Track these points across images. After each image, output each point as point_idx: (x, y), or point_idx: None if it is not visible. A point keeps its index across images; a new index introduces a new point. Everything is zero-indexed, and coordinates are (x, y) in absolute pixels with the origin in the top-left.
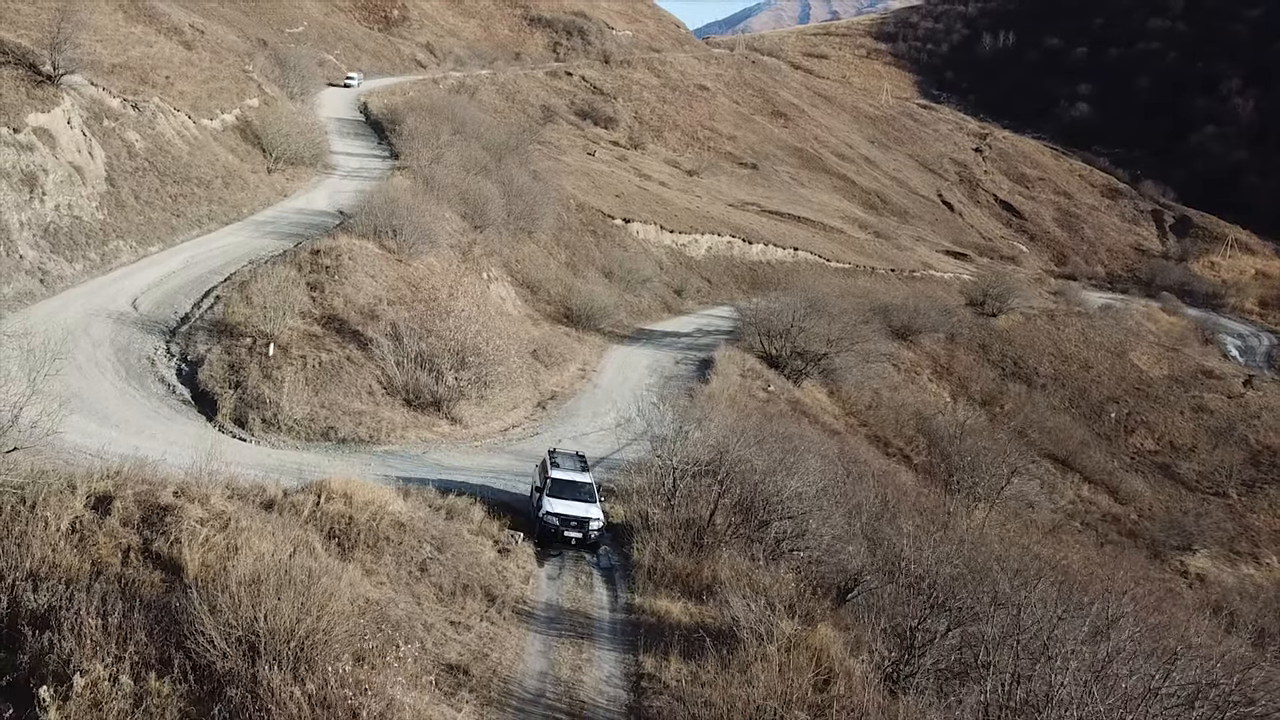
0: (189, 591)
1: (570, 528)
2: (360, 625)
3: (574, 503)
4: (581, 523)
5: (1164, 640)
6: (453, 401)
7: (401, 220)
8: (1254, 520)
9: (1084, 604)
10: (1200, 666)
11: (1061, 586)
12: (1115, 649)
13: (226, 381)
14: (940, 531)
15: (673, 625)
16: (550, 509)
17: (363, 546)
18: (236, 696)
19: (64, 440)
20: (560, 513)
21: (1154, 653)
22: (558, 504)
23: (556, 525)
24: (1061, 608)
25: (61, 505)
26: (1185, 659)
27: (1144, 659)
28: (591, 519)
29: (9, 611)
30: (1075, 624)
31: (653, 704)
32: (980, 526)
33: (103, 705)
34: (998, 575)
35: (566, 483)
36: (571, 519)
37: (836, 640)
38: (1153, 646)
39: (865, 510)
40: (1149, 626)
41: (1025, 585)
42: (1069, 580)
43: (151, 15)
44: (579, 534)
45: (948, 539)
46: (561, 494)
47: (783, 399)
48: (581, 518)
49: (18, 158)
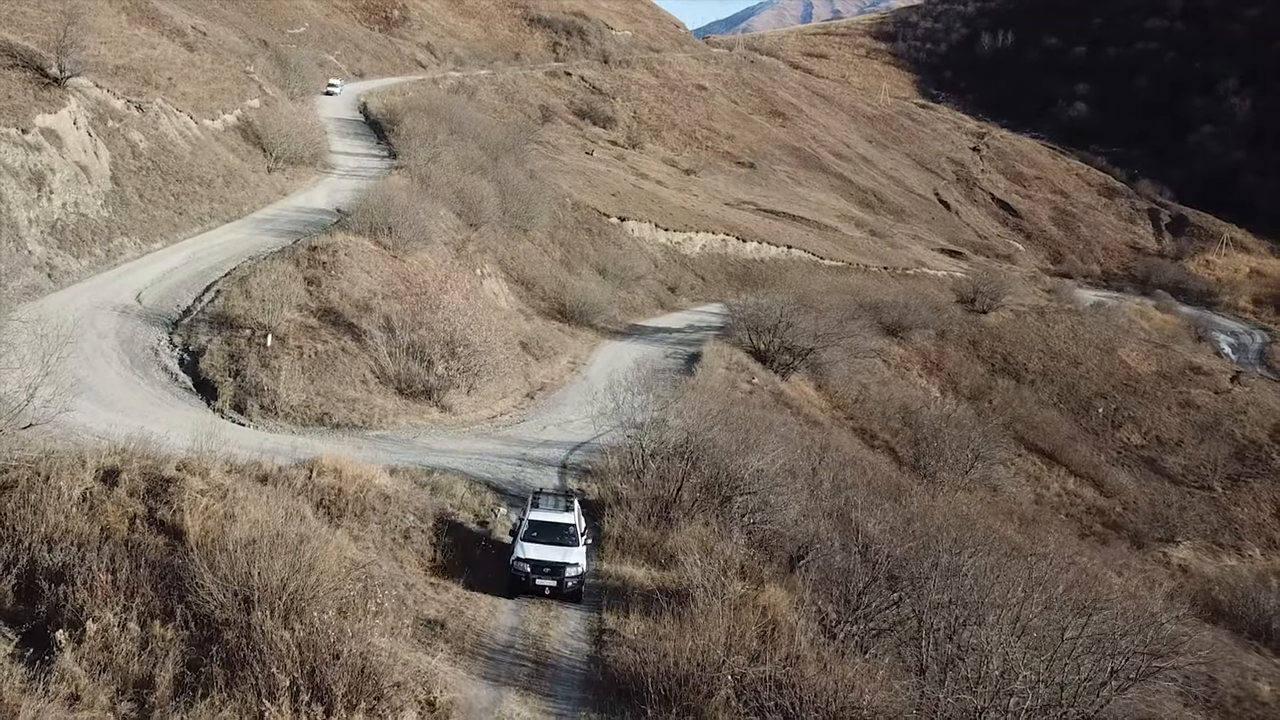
0: (190, 553)
1: (543, 574)
2: (345, 582)
3: (551, 547)
4: (555, 569)
5: (1083, 600)
6: (443, 390)
7: (397, 218)
8: (1238, 513)
9: (1013, 569)
10: (1112, 622)
11: (997, 554)
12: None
13: (226, 370)
14: (891, 506)
15: (635, 588)
16: (521, 554)
17: (350, 515)
18: (232, 640)
19: (72, 423)
20: (532, 558)
21: (1073, 608)
22: (531, 549)
23: (527, 573)
24: (995, 573)
25: (73, 477)
26: (1099, 614)
27: (1061, 612)
28: (568, 564)
29: (27, 569)
30: (1005, 588)
31: (612, 654)
32: (931, 503)
33: (112, 647)
34: (939, 545)
35: (545, 524)
36: (544, 565)
37: (784, 600)
38: (1073, 604)
39: (824, 487)
40: (1071, 586)
41: (962, 553)
42: (1003, 549)
43: (154, 17)
44: (552, 582)
45: (899, 514)
46: (537, 537)
47: (766, 391)
48: (556, 563)
49: (26, 157)
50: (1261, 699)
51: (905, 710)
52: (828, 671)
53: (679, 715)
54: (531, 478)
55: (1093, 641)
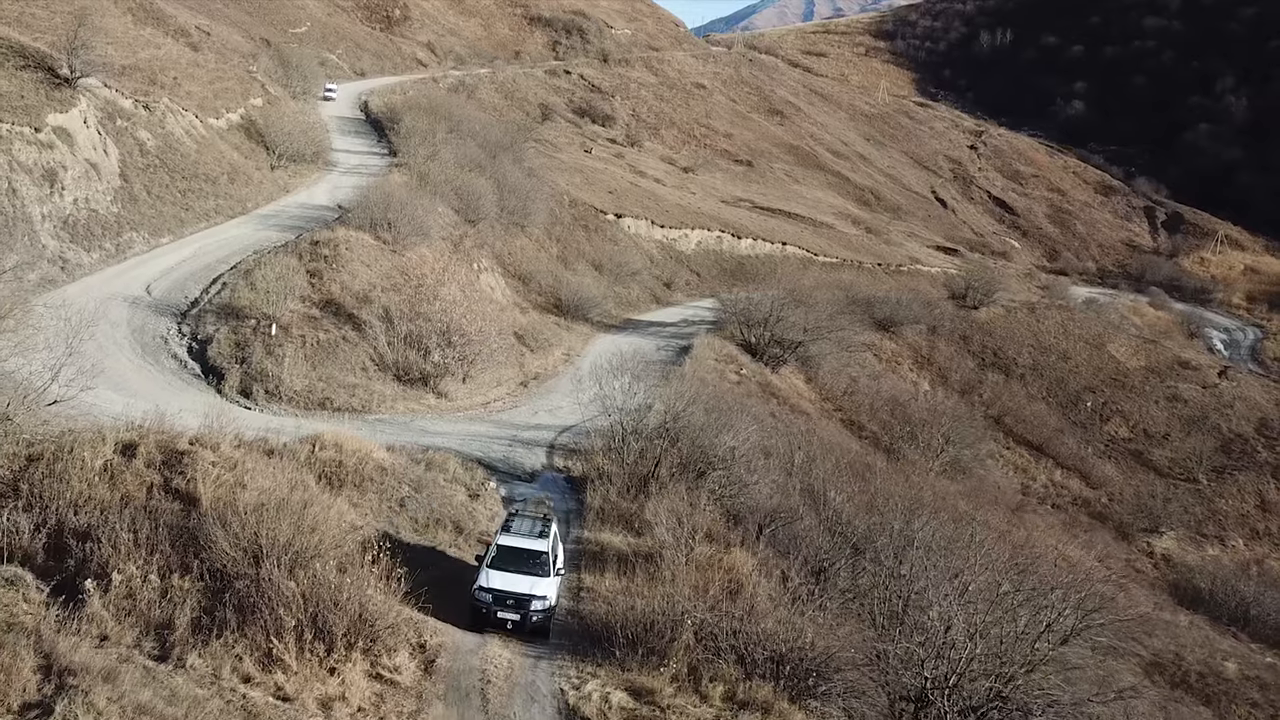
0: (204, 516)
1: (505, 607)
2: (345, 541)
3: (518, 576)
4: (521, 601)
5: (1022, 562)
6: (439, 377)
7: (396, 214)
8: (1222, 505)
9: (957, 534)
10: (1047, 580)
11: (944, 522)
12: (984, 564)
13: (233, 358)
14: (855, 480)
15: (613, 552)
16: (484, 583)
17: (350, 485)
18: (243, 589)
19: (89, 404)
20: (496, 588)
21: (1010, 568)
22: (496, 578)
23: (489, 603)
24: (941, 537)
25: (94, 450)
26: (1035, 573)
27: (997, 571)
28: (534, 596)
29: (55, 529)
30: (947, 550)
31: (588, 607)
32: (897, 479)
33: (136, 596)
34: (893, 513)
35: (515, 551)
36: (508, 597)
37: (748, 562)
38: (1011, 565)
39: (795, 464)
40: (1014, 550)
41: (913, 520)
42: (951, 517)
43: (159, 18)
44: (515, 615)
45: (862, 487)
46: (505, 565)
47: (753, 381)
48: (522, 595)
49: (39, 155)
50: (1226, 676)
51: (845, 649)
52: (781, 621)
53: (644, 656)
54: (521, 457)
55: (1026, 598)
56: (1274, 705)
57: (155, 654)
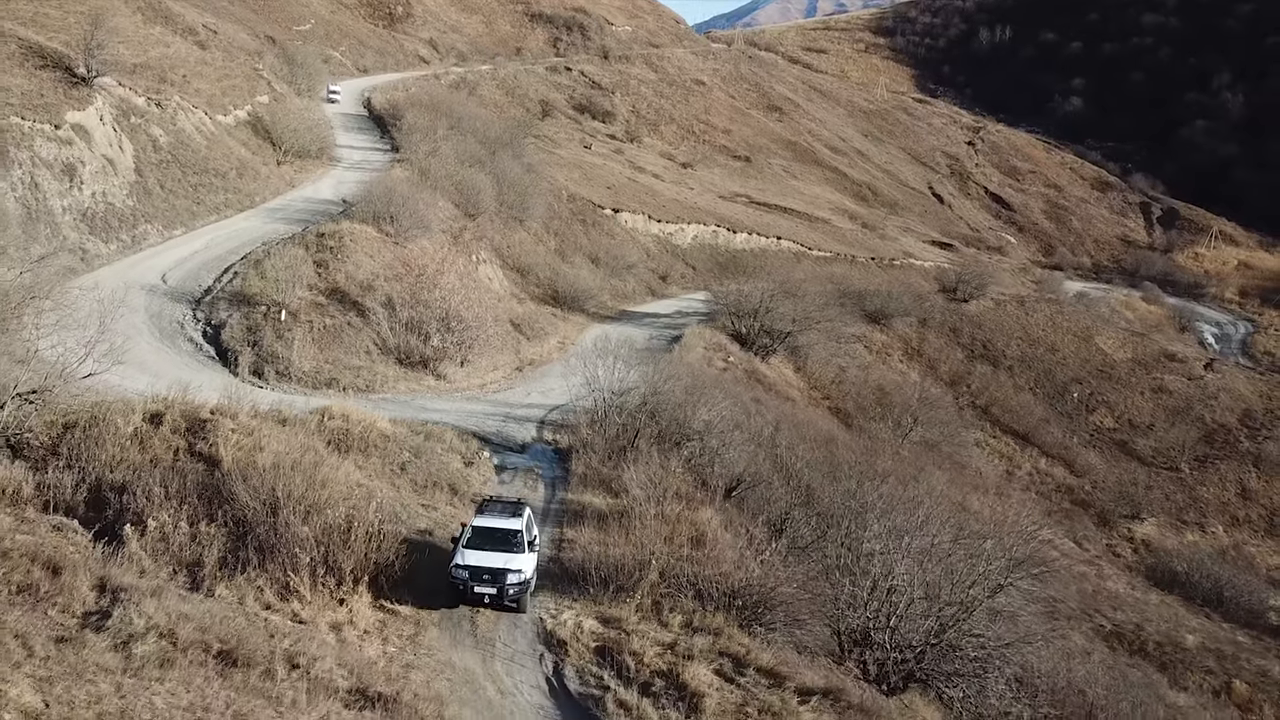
0: (226, 475)
1: (481, 581)
2: (352, 495)
3: (493, 553)
4: (496, 575)
5: (959, 519)
6: (438, 361)
7: (398, 208)
8: (1203, 493)
9: (900, 493)
10: (981, 533)
11: (892, 485)
12: (923, 518)
13: (245, 341)
14: (816, 449)
15: (593, 511)
16: (460, 561)
17: (355, 450)
18: (263, 533)
19: (114, 383)
20: (471, 564)
21: (947, 523)
22: (471, 555)
23: (465, 579)
24: (889, 498)
25: (125, 419)
26: (970, 527)
27: (934, 524)
28: (510, 570)
29: (94, 485)
30: (889, 506)
31: (567, 555)
32: (850, 447)
33: (169, 539)
34: (847, 477)
35: (489, 530)
36: (484, 572)
37: (714, 519)
38: (948, 519)
39: (764, 434)
40: (950, 510)
41: (864, 483)
42: (897, 479)
43: (167, 16)
44: (492, 590)
45: (827, 458)
46: (480, 544)
47: (740, 369)
48: (497, 569)
49: (59, 151)
50: (1185, 646)
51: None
52: (735, 563)
53: (614, 592)
54: (513, 431)
55: (963, 549)
56: (1228, 673)
57: (187, 586)
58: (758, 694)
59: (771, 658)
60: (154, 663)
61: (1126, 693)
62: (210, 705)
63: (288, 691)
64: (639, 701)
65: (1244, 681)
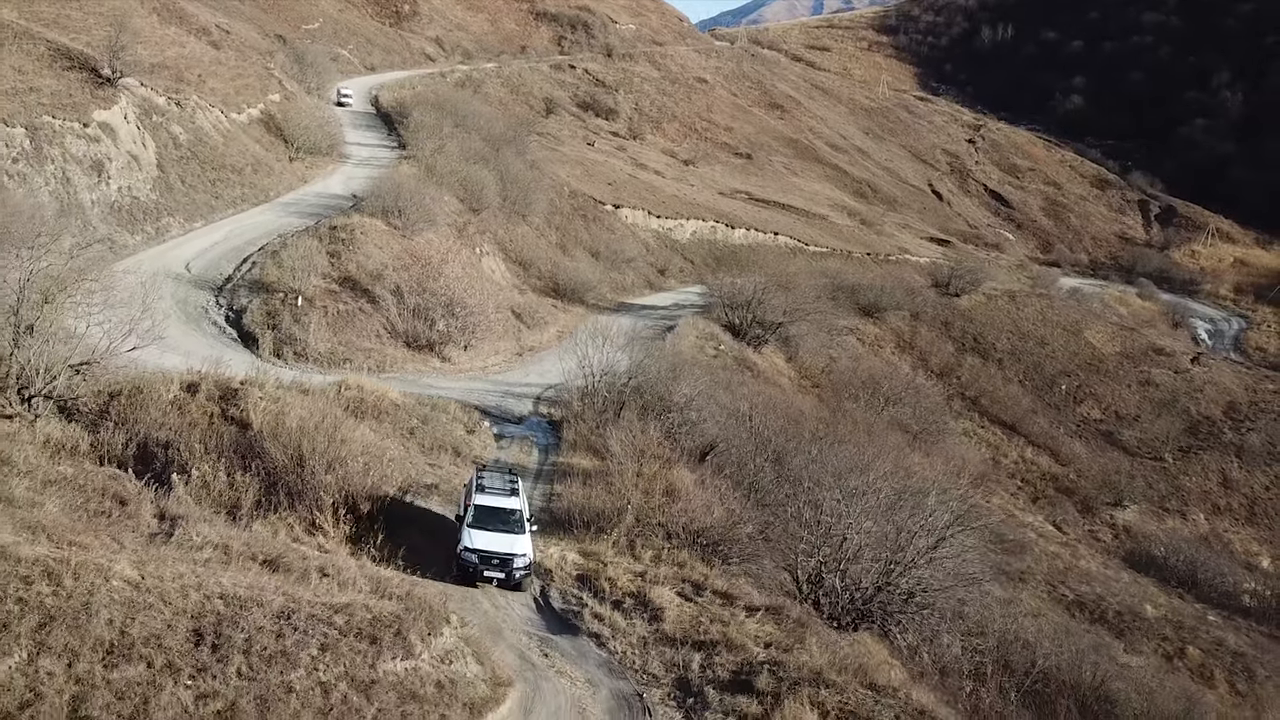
0: (257, 435)
1: (491, 566)
2: (368, 452)
3: (497, 535)
4: (504, 560)
5: (906, 479)
6: (443, 344)
7: (406, 203)
8: (1186, 482)
9: (858, 456)
10: (924, 490)
11: (848, 448)
12: (872, 480)
13: (265, 325)
14: (787, 422)
15: (580, 470)
16: (469, 544)
17: (370, 416)
18: (291, 481)
19: (148, 361)
20: (480, 549)
21: (893, 480)
22: (480, 537)
23: (475, 564)
24: (846, 459)
25: (164, 389)
26: (913, 485)
27: (881, 479)
28: (516, 555)
29: (142, 442)
30: (842, 466)
31: (557, 505)
32: (817, 419)
33: (210, 485)
34: (809, 442)
35: (491, 510)
36: (493, 557)
37: (688, 477)
38: (894, 477)
39: (742, 411)
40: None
41: (818, 443)
42: (854, 446)
43: (182, 17)
44: (500, 574)
45: (795, 430)
46: (485, 524)
47: (730, 357)
48: (504, 554)
49: (88, 148)
50: (1144, 616)
51: (745, 525)
52: (701, 509)
53: (595, 532)
54: (512, 405)
55: (909, 502)
56: (1183, 640)
57: (227, 523)
58: (711, 609)
59: (725, 584)
60: (216, 561)
61: (1067, 641)
62: (264, 587)
63: (323, 585)
64: (611, 614)
65: (1198, 649)
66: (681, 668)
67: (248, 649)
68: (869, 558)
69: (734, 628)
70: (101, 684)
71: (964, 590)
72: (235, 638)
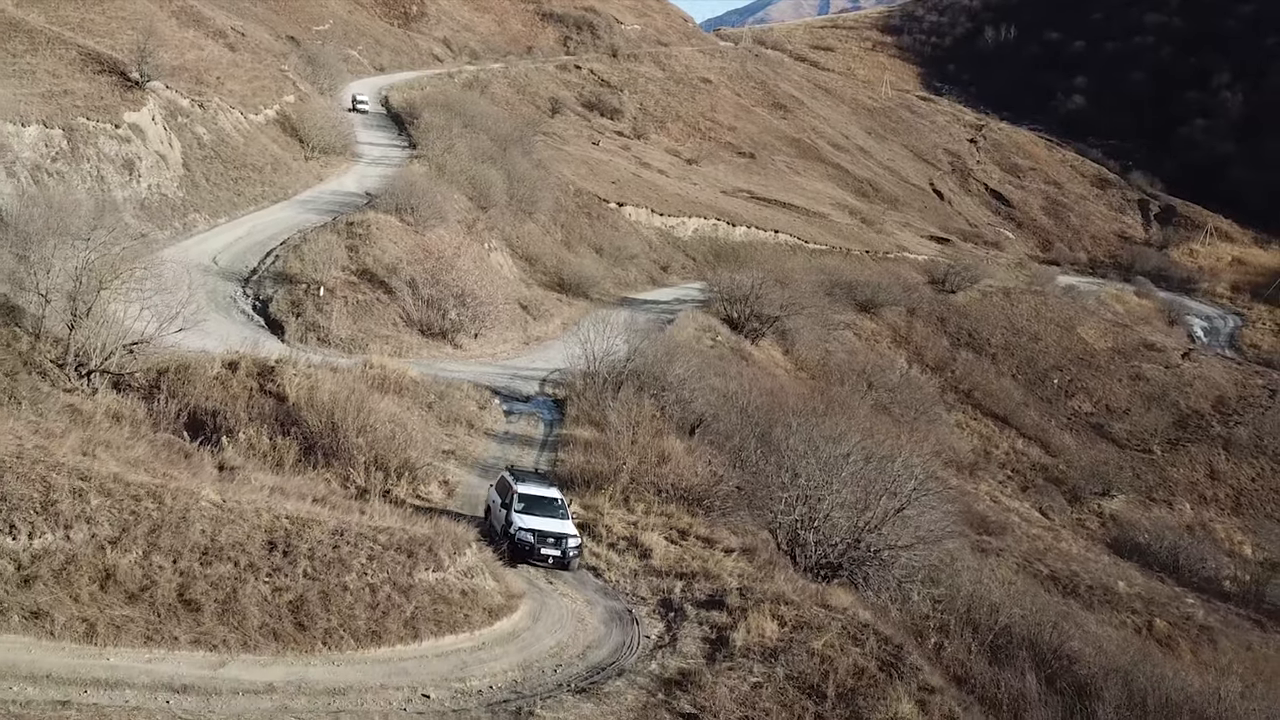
0: (294, 406)
1: (547, 544)
2: (393, 421)
3: (546, 519)
4: (559, 539)
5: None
6: (454, 332)
7: (418, 200)
8: (1173, 473)
9: (832, 428)
10: (889, 458)
11: (823, 422)
12: (845, 450)
13: (290, 313)
14: (770, 400)
15: (581, 440)
16: (523, 525)
17: (392, 391)
18: (326, 444)
19: (187, 344)
20: (535, 528)
21: (861, 449)
22: (530, 520)
23: (531, 543)
24: (821, 433)
25: (207, 367)
26: (880, 453)
27: (849, 445)
28: (569, 535)
29: (192, 411)
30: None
31: (561, 469)
32: (798, 397)
33: (255, 446)
34: (791, 416)
35: (536, 498)
36: (549, 536)
37: (679, 445)
38: (862, 447)
39: (730, 391)
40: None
41: (794, 417)
42: (828, 421)
43: (199, 20)
44: (557, 551)
45: (779, 403)
46: (532, 510)
47: (727, 347)
48: (559, 534)
49: (119, 148)
50: (1116, 591)
51: (726, 484)
52: (687, 470)
53: (594, 489)
54: (519, 386)
55: (875, 467)
56: (1152, 614)
57: (271, 474)
58: (693, 550)
59: (707, 531)
60: (277, 495)
61: (1033, 605)
62: (319, 513)
63: (368, 510)
64: (607, 552)
65: (1166, 621)
66: (666, 592)
67: (311, 556)
68: (841, 518)
69: (713, 564)
70: (200, 576)
71: (925, 549)
72: (300, 547)
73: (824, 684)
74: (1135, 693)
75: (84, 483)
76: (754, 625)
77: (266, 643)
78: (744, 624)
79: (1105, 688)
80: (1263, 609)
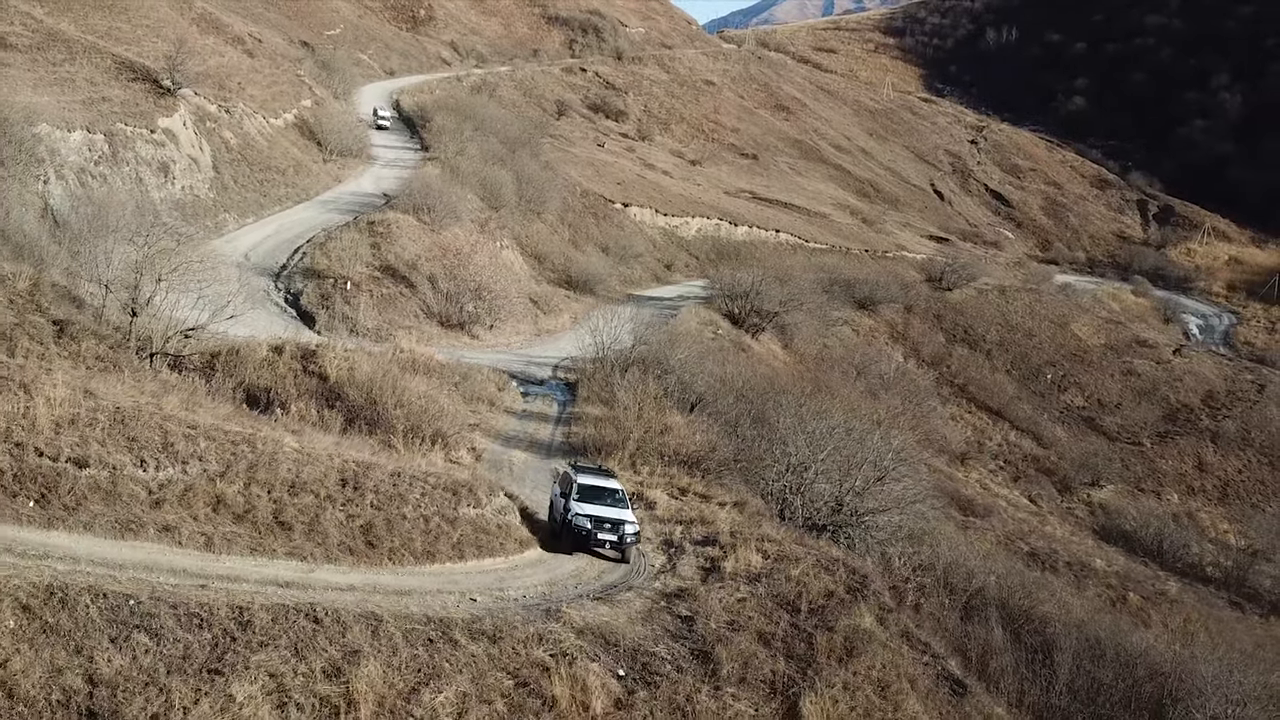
0: (335, 384)
1: (604, 529)
2: (422, 396)
3: (604, 507)
4: (615, 525)
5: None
6: (471, 324)
7: (433, 201)
8: (1162, 464)
9: (818, 406)
10: (869, 434)
11: (810, 401)
12: (829, 426)
13: (320, 305)
14: (763, 383)
15: (592, 416)
16: (580, 511)
17: (420, 372)
18: (368, 414)
19: (229, 333)
20: (592, 514)
21: (843, 425)
22: (588, 508)
23: (588, 529)
24: (808, 411)
25: (255, 351)
26: (861, 429)
27: (832, 421)
28: (627, 521)
29: (247, 387)
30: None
31: (575, 439)
32: (788, 378)
33: (305, 417)
34: (784, 398)
35: (595, 488)
36: (605, 521)
37: (680, 421)
38: (844, 423)
39: (728, 375)
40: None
41: (784, 396)
42: (813, 394)
43: (218, 27)
44: (613, 537)
45: (772, 385)
46: (591, 499)
47: (727, 340)
48: (615, 519)
49: (155, 151)
50: (1093, 568)
51: (720, 451)
52: (686, 439)
53: (604, 455)
54: (534, 371)
55: (855, 438)
56: (1126, 588)
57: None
58: (692, 503)
59: (704, 489)
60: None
61: (1007, 571)
62: (378, 460)
63: (412, 459)
64: None
65: (1139, 595)
66: (668, 535)
67: (376, 490)
68: (825, 486)
69: (709, 513)
70: (289, 504)
71: (900, 513)
72: (366, 484)
73: (799, 600)
74: (1094, 644)
75: (192, 430)
76: (741, 557)
77: (344, 556)
78: (733, 555)
79: (1065, 638)
80: (1243, 592)
